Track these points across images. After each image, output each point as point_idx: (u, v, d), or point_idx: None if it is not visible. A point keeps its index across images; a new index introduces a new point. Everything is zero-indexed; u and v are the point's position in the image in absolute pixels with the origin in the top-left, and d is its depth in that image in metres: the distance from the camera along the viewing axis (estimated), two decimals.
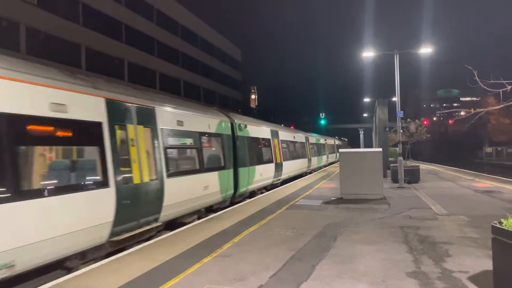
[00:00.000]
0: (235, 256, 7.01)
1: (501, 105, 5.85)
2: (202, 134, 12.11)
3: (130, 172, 8.23)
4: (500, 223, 4.57)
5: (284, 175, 21.87)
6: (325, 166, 41.07)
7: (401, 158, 19.39)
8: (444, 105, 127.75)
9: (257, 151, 17.76)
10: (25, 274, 5.97)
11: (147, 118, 9.18)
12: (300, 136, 28.79)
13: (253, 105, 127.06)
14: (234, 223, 10.14)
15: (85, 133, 7.35)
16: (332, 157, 47.64)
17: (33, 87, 6.22)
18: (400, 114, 20.12)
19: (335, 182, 19.63)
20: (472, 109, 6.02)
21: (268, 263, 6.54)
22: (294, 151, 25.77)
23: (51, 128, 6.69)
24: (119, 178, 7.81)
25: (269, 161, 19.18)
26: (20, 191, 5.76)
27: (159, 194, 9.21)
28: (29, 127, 6.21)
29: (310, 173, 30.88)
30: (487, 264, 5.87)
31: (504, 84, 5.48)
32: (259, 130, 18.65)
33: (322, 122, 65.75)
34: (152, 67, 47.14)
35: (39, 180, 6.26)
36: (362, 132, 76.91)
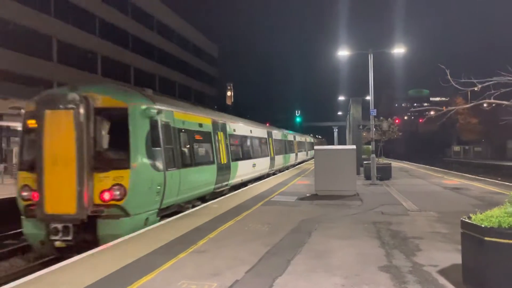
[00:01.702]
0: (211, 252, 7.00)
1: (472, 104, 6.07)
2: (282, 140, 31.67)
3: (270, 152, 25.51)
4: (469, 218, 4.73)
5: (298, 160, 40.35)
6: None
7: (373, 155, 19.78)
8: (415, 104, 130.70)
9: (291, 146, 36.24)
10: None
11: (272, 135, 27.39)
12: (303, 137, 48.98)
13: (229, 102, 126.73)
14: (210, 219, 10.12)
15: (256, 139, 22.68)
16: None
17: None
18: (373, 112, 20.48)
19: (310, 179, 19.84)
20: (444, 108, 6.20)
21: (244, 258, 6.57)
22: (301, 147, 44.25)
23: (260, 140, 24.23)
24: (271, 154, 25.75)
25: (293, 151, 37.41)
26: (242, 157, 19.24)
27: (273, 161, 26.17)
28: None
29: (307, 161, 45.90)
30: (456, 258, 6.06)
31: (475, 83, 5.67)
32: (291, 135, 37.92)
33: (298, 119, 66.17)
34: (126, 61, 46.28)
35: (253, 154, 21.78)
36: (336, 130, 77.90)
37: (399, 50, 20.91)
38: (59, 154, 8.72)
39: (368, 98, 22.45)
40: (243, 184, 19.10)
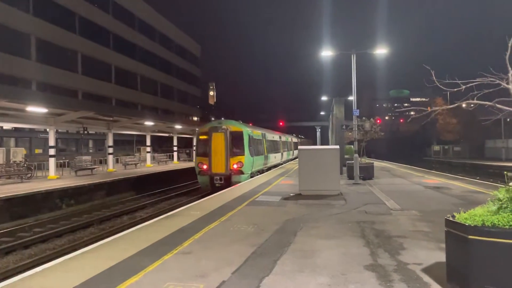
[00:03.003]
0: (196, 253, 6.95)
1: (456, 104, 6.18)
2: (285, 141, 43.22)
3: (281, 149, 38.00)
4: (453, 217, 4.80)
5: (294, 156, 48.41)
6: None
7: (356, 155, 19.95)
8: (396, 104, 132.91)
9: (290, 145, 46.94)
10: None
11: (281, 138, 39.47)
12: (295, 139, 61.08)
13: (211, 101, 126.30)
14: (194, 219, 10.05)
15: (276, 141, 35.46)
16: None
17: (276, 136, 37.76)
18: (356, 112, 20.62)
19: (294, 179, 19.90)
20: (428, 108, 6.30)
21: (230, 259, 6.53)
22: (295, 146, 52.17)
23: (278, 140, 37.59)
24: (281, 150, 38.19)
25: (291, 149, 47.73)
26: (269, 152, 30.73)
27: (282, 155, 38.70)
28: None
29: (296, 158, 63.61)
30: (439, 256, 6.18)
31: (459, 84, 5.76)
32: (289, 137, 49.17)
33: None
34: (107, 60, 45.61)
35: (273, 150, 32.90)
36: (319, 130, 78.45)
37: (381, 51, 21.12)
38: (217, 150, 21.35)
39: (350, 98, 22.63)
40: (269, 168, 31.02)
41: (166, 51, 60.80)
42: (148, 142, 37.19)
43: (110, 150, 29.55)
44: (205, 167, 21.58)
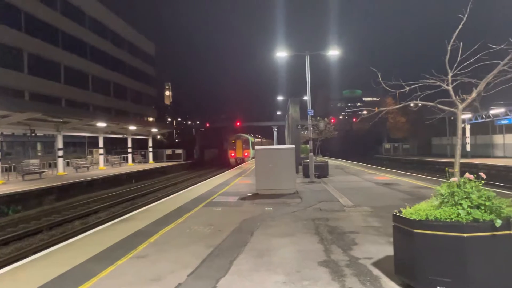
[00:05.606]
0: (151, 256, 6.85)
1: (401, 104, 6.52)
2: (261, 140, 74.30)
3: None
4: (400, 212, 5.04)
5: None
6: None
7: (311, 154, 20.38)
8: (349, 104, 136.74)
9: (255, 144, 52.34)
10: None
11: (254, 139, 63.22)
12: (265, 140, 76.48)
13: (167, 101, 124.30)
14: (150, 222, 9.88)
15: (258, 141, 67.97)
16: None
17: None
18: (311, 112, 21.07)
19: (251, 179, 20.02)
20: (376, 108, 6.60)
21: (186, 261, 6.50)
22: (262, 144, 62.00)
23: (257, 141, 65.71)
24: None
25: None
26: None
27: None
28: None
29: None
30: (388, 250, 6.45)
31: (403, 85, 6.06)
32: (253, 138, 62.43)
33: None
34: (55, 59, 43.66)
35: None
36: (276, 129, 79.23)
37: (334, 52, 21.69)
38: (238, 146, 50.67)
39: (306, 98, 23.07)
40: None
41: (118, 49, 59.09)
42: (101, 144, 36.07)
43: (60, 153, 28.38)
44: (233, 154, 48.94)
